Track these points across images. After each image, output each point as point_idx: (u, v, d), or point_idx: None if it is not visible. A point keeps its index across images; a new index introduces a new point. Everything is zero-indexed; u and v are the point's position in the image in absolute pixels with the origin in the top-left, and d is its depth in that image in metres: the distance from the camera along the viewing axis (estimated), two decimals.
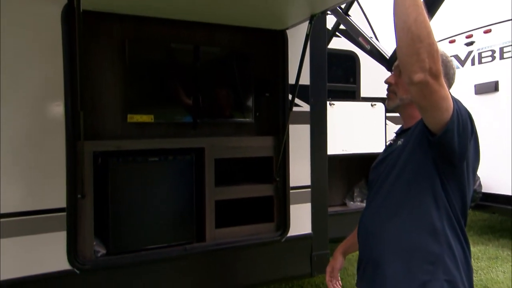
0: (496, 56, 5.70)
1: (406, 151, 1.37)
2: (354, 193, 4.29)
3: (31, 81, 2.14)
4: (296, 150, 2.86)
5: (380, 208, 1.43)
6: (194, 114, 2.72)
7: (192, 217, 2.65)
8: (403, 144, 1.40)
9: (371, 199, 1.53)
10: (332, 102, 3.75)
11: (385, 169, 1.45)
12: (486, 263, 4.88)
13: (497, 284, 4.15)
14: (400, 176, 1.37)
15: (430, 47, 1.10)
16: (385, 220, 1.39)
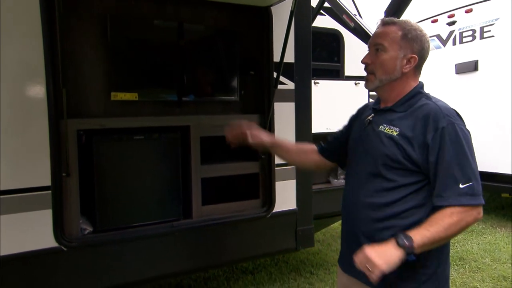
0: (477, 35, 5.79)
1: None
2: (338, 171, 4.36)
3: (10, 59, 2.08)
4: (281, 128, 2.89)
5: (373, 187, 1.46)
6: (179, 92, 2.71)
7: (179, 194, 2.68)
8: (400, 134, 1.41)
9: (355, 172, 1.57)
10: (316, 81, 3.78)
11: (368, 143, 1.51)
12: (462, 236, 5.09)
13: (471, 255, 4.37)
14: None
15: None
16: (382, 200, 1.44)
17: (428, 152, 1.35)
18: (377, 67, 1.47)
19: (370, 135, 1.51)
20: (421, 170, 1.38)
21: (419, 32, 1.46)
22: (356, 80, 4.04)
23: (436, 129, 1.35)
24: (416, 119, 1.40)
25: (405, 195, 1.40)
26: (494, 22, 5.55)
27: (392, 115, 1.47)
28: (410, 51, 1.45)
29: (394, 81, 1.47)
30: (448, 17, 6.22)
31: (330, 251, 4.73)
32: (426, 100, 1.45)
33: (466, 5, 5.96)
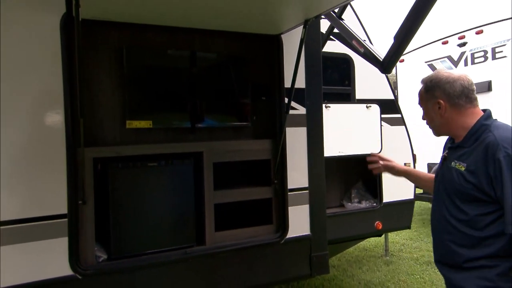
0: (489, 56, 5.79)
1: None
2: (352, 194, 4.32)
3: (31, 89, 2.17)
4: (293, 153, 2.90)
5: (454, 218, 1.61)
6: (192, 119, 2.76)
7: (192, 220, 2.68)
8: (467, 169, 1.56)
9: (435, 195, 1.76)
10: (327, 105, 3.80)
11: (444, 178, 1.68)
12: None
13: None
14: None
15: None
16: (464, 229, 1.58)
17: (493, 183, 1.47)
18: (427, 120, 1.75)
19: (445, 171, 1.68)
20: (493, 200, 1.48)
21: (436, 79, 1.66)
22: (368, 103, 4.06)
23: (494, 161, 1.47)
24: (478, 152, 1.53)
25: (485, 224, 1.51)
26: (506, 43, 5.56)
27: (461, 151, 1.62)
28: (434, 99, 1.65)
29: (443, 126, 1.69)
30: (458, 39, 6.26)
31: (346, 277, 4.62)
32: (488, 133, 1.55)
33: (476, 27, 6.00)
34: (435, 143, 7.09)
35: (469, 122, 1.62)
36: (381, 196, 4.09)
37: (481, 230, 1.51)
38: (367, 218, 3.99)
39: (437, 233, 1.69)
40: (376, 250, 5.61)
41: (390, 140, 4.14)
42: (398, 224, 4.27)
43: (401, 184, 4.23)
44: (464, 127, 1.62)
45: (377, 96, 4.14)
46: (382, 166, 2.12)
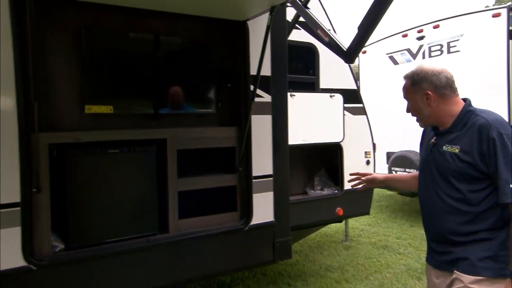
0: (444, 50, 6.06)
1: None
2: (315, 181, 4.42)
3: None
4: (258, 140, 2.91)
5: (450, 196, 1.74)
6: (155, 105, 2.69)
7: (155, 208, 2.64)
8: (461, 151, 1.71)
9: (422, 181, 1.89)
10: (292, 93, 3.83)
11: (436, 163, 1.80)
12: None
13: None
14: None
15: None
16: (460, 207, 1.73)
17: (487, 160, 1.64)
18: (413, 112, 1.86)
19: (436, 155, 1.80)
20: (488, 176, 1.65)
21: (422, 72, 1.80)
22: (331, 92, 4.13)
23: (488, 140, 1.64)
24: (472, 134, 1.69)
25: (479, 200, 1.68)
26: (459, 38, 5.83)
27: (451, 136, 1.76)
28: (422, 90, 1.78)
29: (431, 115, 1.80)
30: (417, 32, 6.48)
31: (308, 262, 4.74)
32: (477, 116, 1.72)
33: (433, 21, 6.24)
34: (393, 133, 7.41)
35: (454, 109, 1.77)
36: (343, 183, 4.22)
37: (476, 205, 1.68)
38: (329, 205, 4.11)
39: (434, 214, 1.79)
40: (337, 236, 5.79)
41: (352, 129, 4.26)
42: (358, 210, 4.43)
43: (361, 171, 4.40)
44: (451, 114, 1.77)
45: (340, 85, 4.23)
46: (364, 181, 2.24)
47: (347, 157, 4.24)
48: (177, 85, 2.81)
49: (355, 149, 4.32)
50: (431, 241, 1.87)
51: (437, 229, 1.80)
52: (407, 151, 6.38)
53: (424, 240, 5.61)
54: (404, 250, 5.02)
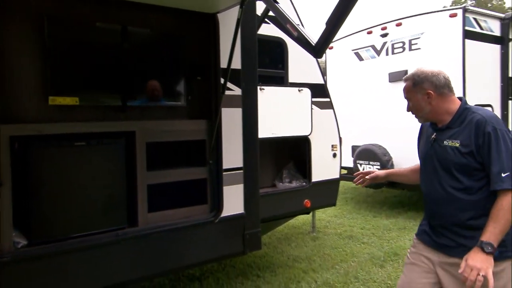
0: (406, 47, 6.31)
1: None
2: (283, 174, 4.50)
3: None
4: (228, 133, 2.93)
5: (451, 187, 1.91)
6: (123, 97, 2.64)
7: (124, 202, 2.60)
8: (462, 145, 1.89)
9: (425, 174, 2.06)
10: (262, 87, 3.86)
11: (438, 156, 1.96)
12: (396, 233, 5.49)
13: (404, 250, 4.71)
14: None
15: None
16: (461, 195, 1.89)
17: (481, 152, 1.82)
18: (414, 111, 2.04)
19: (437, 150, 1.96)
20: (484, 167, 1.82)
21: (422, 74, 1.96)
22: (299, 87, 4.21)
23: (483, 134, 1.81)
24: (470, 129, 1.86)
25: (480, 190, 1.84)
26: (420, 36, 6.09)
27: (451, 131, 1.93)
28: (423, 90, 1.94)
29: (431, 112, 1.97)
30: (381, 30, 6.70)
31: (276, 253, 4.83)
32: (473, 114, 1.90)
33: (396, 19, 6.47)
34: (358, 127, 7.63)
35: (452, 107, 1.95)
36: (310, 176, 4.32)
37: (475, 194, 1.85)
38: (297, 197, 4.20)
39: (437, 202, 1.96)
40: (304, 228, 5.93)
41: (319, 123, 4.36)
42: (325, 202, 4.56)
43: (328, 164, 4.52)
44: (449, 112, 1.95)
45: (308, 80, 4.31)
46: (368, 179, 2.39)
47: (314, 150, 4.34)
48: (146, 78, 2.77)
49: (323, 142, 4.43)
50: (434, 226, 2.00)
51: (440, 216, 1.95)
52: (371, 144, 6.62)
53: (386, 229, 5.86)
54: (368, 240, 5.23)
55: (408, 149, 6.19)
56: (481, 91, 5.61)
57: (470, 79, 5.53)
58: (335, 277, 4.02)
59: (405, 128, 6.29)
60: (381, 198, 7.89)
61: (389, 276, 3.99)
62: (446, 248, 1.93)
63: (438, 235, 1.98)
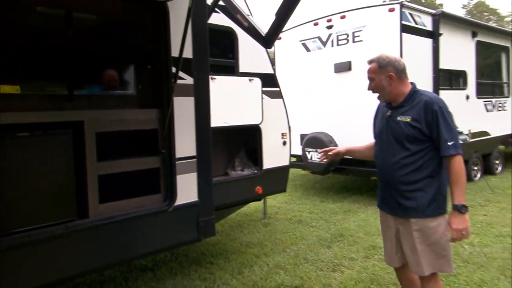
0: (349, 39, 6.61)
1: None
2: (235, 162, 4.58)
3: None
4: (181, 122, 2.93)
5: (401, 156, 2.30)
6: (69, 85, 2.54)
7: (73, 193, 2.52)
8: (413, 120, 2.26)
9: (380, 147, 2.45)
10: (213, 77, 3.88)
11: (392, 130, 2.33)
12: (342, 216, 5.83)
13: (349, 231, 5.04)
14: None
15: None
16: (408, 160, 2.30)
17: (431, 127, 2.21)
18: (376, 90, 2.39)
19: (392, 124, 2.33)
20: (429, 139, 2.23)
21: (387, 58, 2.33)
22: (250, 76, 4.28)
23: (432, 111, 2.21)
24: (419, 107, 2.24)
25: (421, 157, 2.26)
26: (362, 28, 6.41)
27: (403, 109, 2.31)
28: (387, 72, 2.31)
29: (390, 92, 2.33)
30: (327, 21, 6.94)
31: (229, 240, 4.93)
32: (421, 95, 2.29)
33: (341, 12, 6.74)
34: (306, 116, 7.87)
35: (406, 89, 2.34)
36: (262, 163, 4.45)
37: (419, 160, 2.25)
38: (249, 184, 4.31)
39: (389, 171, 2.34)
40: (256, 214, 6.09)
41: (269, 112, 4.49)
42: (276, 188, 4.72)
43: (278, 152, 4.68)
44: (403, 93, 2.33)
45: (258, 70, 4.40)
46: (331, 155, 2.69)
47: (265, 139, 4.46)
48: (94, 66, 2.69)
49: (273, 131, 4.56)
50: (387, 194, 2.40)
51: (391, 182, 2.34)
52: (318, 132, 6.90)
53: (332, 213, 6.19)
54: (316, 223, 5.50)
55: (352, 136, 6.58)
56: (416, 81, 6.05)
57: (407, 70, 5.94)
58: (286, 259, 4.20)
59: (349, 116, 6.66)
60: (328, 184, 8.28)
61: (335, 255, 4.26)
62: (401, 211, 2.33)
63: (390, 201, 2.39)
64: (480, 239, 4.52)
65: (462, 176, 2.20)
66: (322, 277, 3.76)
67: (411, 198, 2.27)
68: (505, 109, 8.59)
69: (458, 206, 2.18)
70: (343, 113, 6.75)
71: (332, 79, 6.88)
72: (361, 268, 3.89)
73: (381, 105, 2.53)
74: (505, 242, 4.42)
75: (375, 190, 7.68)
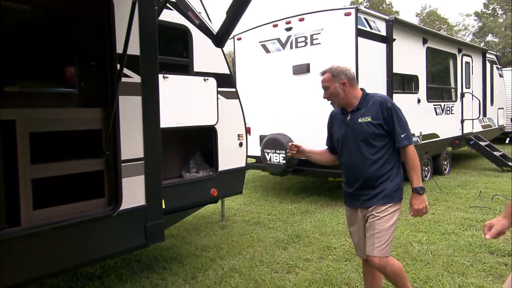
0: (308, 42, 6.67)
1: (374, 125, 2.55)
2: (190, 164, 4.45)
3: None
4: (127, 123, 2.78)
5: (367, 152, 2.56)
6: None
7: (1, 199, 2.31)
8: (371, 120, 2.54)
9: (346, 149, 2.65)
10: (166, 75, 3.75)
11: (356, 132, 2.57)
12: (299, 217, 5.85)
13: (305, 232, 5.06)
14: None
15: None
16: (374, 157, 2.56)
17: (388, 122, 2.50)
18: (331, 97, 2.64)
19: (354, 127, 2.57)
20: (388, 133, 2.51)
21: (339, 68, 2.61)
22: (205, 76, 4.18)
23: (386, 109, 2.51)
24: (375, 107, 2.53)
25: (386, 151, 2.54)
26: (320, 31, 6.49)
27: (361, 111, 2.57)
28: (340, 80, 2.57)
29: (344, 98, 2.59)
30: (286, 23, 6.97)
31: (184, 244, 4.80)
32: (373, 97, 2.59)
33: (299, 14, 6.79)
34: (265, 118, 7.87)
35: (358, 93, 2.62)
36: (217, 165, 4.36)
37: (385, 154, 2.53)
38: (203, 186, 4.20)
39: (359, 168, 2.56)
40: (214, 217, 5.98)
41: (225, 113, 4.41)
42: (232, 190, 4.65)
43: (234, 153, 4.60)
44: (356, 97, 2.60)
45: (214, 70, 4.31)
46: (296, 151, 2.80)
47: (221, 140, 4.38)
48: (29, 61, 2.49)
49: (229, 132, 4.49)
50: (356, 190, 2.61)
51: (362, 178, 2.56)
52: (277, 134, 6.91)
53: (290, 214, 6.21)
54: (273, 225, 5.48)
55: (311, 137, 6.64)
56: (371, 85, 6.21)
57: (362, 74, 6.09)
58: (241, 262, 4.14)
59: (307, 118, 6.72)
60: (288, 184, 8.33)
61: (291, 257, 4.25)
62: (369, 202, 2.57)
63: (360, 196, 2.60)
64: (428, 237, 4.69)
65: (417, 162, 2.51)
66: (277, 279, 3.74)
67: (381, 187, 2.53)
68: (452, 113, 9.05)
69: (417, 188, 2.51)
70: (302, 115, 6.80)
71: (291, 81, 6.92)
72: (315, 269, 3.91)
73: (334, 114, 2.78)
74: (449, 239, 4.61)
75: (332, 191, 7.85)
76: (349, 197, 2.71)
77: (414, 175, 2.51)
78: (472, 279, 3.55)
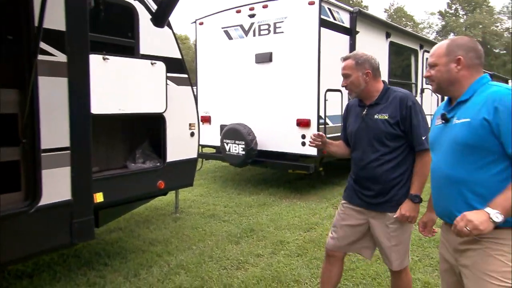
0: (271, 30, 6.45)
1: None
2: (136, 154, 4.16)
3: None
4: (49, 107, 2.47)
5: (380, 152, 2.37)
6: None
7: None
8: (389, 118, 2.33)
9: (358, 145, 2.46)
10: (106, 56, 3.42)
11: (370, 128, 2.38)
12: (256, 209, 5.69)
13: (260, 226, 4.90)
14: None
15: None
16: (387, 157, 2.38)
17: (405, 122, 2.28)
18: (350, 86, 2.38)
19: (369, 123, 2.37)
20: (405, 134, 2.29)
21: (365, 56, 2.37)
22: (153, 59, 3.87)
23: (406, 107, 2.28)
24: (395, 104, 2.31)
25: (400, 153, 2.33)
26: (283, 20, 6.28)
27: (379, 107, 2.35)
28: (364, 69, 2.34)
29: (365, 89, 2.37)
30: (249, 10, 6.71)
31: (131, 238, 4.52)
32: (395, 92, 2.36)
33: (263, 1, 6.54)
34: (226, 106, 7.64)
35: (380, 86, 2.39)
36: (165, 155, 4.09)
37: (399, 156, 2.32)
38: (149, 178, 3.92)
39: (370, 167, 2.37)
40: (167, 209, 5.73)
41: (175, 100, 4.12)
42: (181, 182, 4.39)
43: (184, 144, 4.35)
44: (377, 90, 2.38)
45: (163, 53, 4.00)
46: (320, 142, 2.55)
47: (170, 129, 4.10)
48: None
49: (179, 121, 4.21)
50: (362, 188, 2.44)
51: (371, 177, 2.37)
52: (237, 124, 6.68)
53: (247, 206, 6.03)
54: (228, 218, 5.29)
55: (271, 128, 6.48)
56: (333, 77, 6.07)
57: (324, 65, 5.95)
58: (189, 258, 3.93)
59: (268, 108, 6.54)
60: (248, 175, 8.16)
61: (242, 252, 4.08)
62: (376, 206, 2.39)
63: (365, 196, 2.43)
64: None
65: (427, 170, 2.22)
66: (224, 276, 3.56)
67: (389, 193, 2.34)
68: None
69: (412, 195, 2.30)
70: (263, 105, 6.61)
71: (253, 69, 6.69)
72: (266, 265, 3.76)
73: (351, 106, 2.58)
74: None
75: (292, 183, 7.73)
76: (353, 193, 2.52)
77: (417, 181, 2.30)
78: (419, 274, 3.52)
